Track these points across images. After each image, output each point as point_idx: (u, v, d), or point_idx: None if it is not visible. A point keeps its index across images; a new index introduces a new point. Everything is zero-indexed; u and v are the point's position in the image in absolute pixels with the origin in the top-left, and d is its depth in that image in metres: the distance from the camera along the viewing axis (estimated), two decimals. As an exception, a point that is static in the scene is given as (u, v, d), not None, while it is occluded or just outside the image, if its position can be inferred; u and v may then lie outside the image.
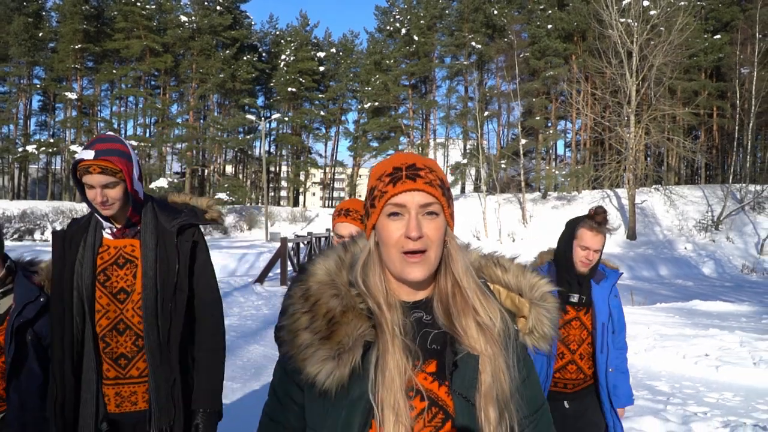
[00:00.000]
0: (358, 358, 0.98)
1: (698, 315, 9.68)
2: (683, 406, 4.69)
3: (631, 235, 27.77)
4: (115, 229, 1.95)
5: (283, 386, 1.10)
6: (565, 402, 2.54)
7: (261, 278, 13.02)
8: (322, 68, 46.25)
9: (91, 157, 1.80)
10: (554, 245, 2.67)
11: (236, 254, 18.97)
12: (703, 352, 6.35)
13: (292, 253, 14.45)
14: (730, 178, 29.12)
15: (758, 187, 28.25)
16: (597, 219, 2.47)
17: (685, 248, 26.29)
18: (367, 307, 1.02)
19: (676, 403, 4.79)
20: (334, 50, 48.47)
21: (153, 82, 44.17)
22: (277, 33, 49.15)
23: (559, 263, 2.54)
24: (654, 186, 31.83)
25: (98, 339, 1.89)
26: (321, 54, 46.81)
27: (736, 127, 29.62)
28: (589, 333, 2.52)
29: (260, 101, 48.53)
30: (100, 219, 1.92)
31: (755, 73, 28.09)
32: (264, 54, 47.49)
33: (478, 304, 1.03)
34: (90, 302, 1.88)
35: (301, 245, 16.34)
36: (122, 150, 1.88)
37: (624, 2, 28.53)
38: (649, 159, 34.85)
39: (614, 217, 30.18)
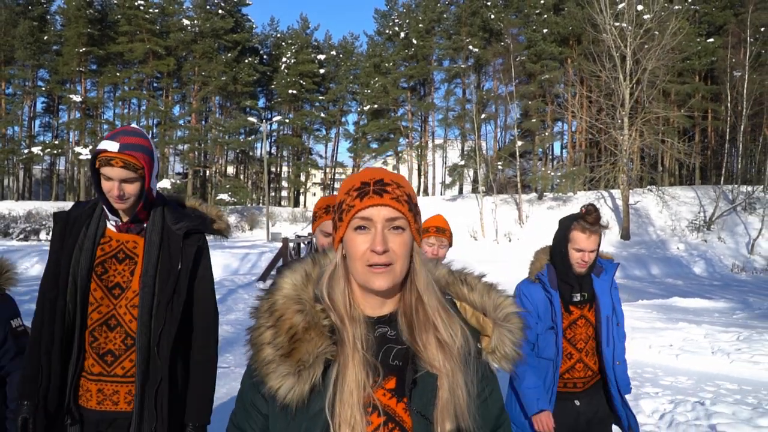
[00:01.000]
0: (318, 375, 0.99)
1: (675, 311, 10.27)
2: (639, 387, 5.31)
3: (625, 235, 28.39)
4: (120, 223, 1.90)
5: (249, 396, 1.11)
6: (576, 401, 2.51)
7: (264, 276, 13.67)
8: (322, 70, 46.82)
9: (116, 150, 1.77)
10: (549, 243, 2.71)
11: (239, 254, 19.51)
12: (668, 343, 6.96)
13: (293, 252, 15.06)
14: (722, 179, 29.71)
15: (750, 188, 28.91)
16: (589, 219, 2.41)
17: (678, 248, 26.88)
18: (330, 323, 1.03)
19: (634, 385, 5.41)
20: (334, 53, 49.05)
21: (155, 84, 44.80)
22: (278, 35, 49.76)
23: (557, 266, 2.52)
24: (648, 187, 32.43)
25: (86, 332, 1.83)
26: (321, 56, 47.41)
27: (728, 130, 30.23)
28: (594, 328, 2.51)
29: (261, 103, 49.20)
30: (107, 210, 1.88)
31: (746, 76, 28.68)
32: (265, 56, 48.10)
33: (439, 321, 1.04)
34: (84, 293, 1.83)
35: (302, 245, 16.95)
36: (146, 146, 1.85)
37: (619, 6, 29.11)
38: (645, 160, 35.48)
39: (608, 217, 30.83)
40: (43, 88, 42.35)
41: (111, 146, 1.77)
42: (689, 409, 4.57)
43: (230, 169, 50.84)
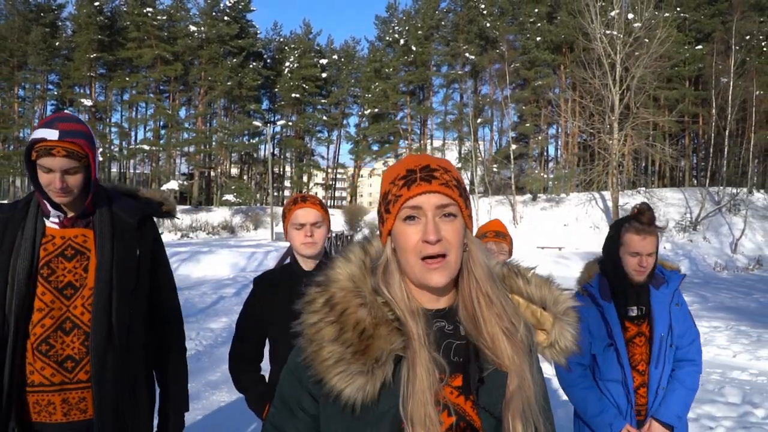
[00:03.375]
0: (389, 372, 0.93)
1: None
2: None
3: (615, 235, 29.64)
4: (63, 218, 1.74)
5: (295, 395, 1.03)
6: None
7: (269, 273, 14.97)
8: (324, 74, 47.89)
9: (56, 138, 1.61)
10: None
11: (245, 253, 20.44)
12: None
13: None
14: (707, 181, 30.92)
15: (735, 190, 30.10)
16: (643, 219, 2.17)
17: (665, 247, 28.06)
18: (396, 317, 0.96)
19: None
20: (336, 57, 50.19)
21: (161, 87, 46.05)
22: (281, 40, 50.94)
23: (608, 275, 2.26)
24: (637, 189, 33.68)
25: (36, 342, 1.67)
26: (323, 61, 48.56)
27: (713, 134, 31.46)
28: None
29: (265, 105, 50.39)
30: (48, 206, 1.71)
31: (731, 82, 29.85)
32: (269, 60, 49.25)
33: (502, 311, 0.99)
34: (23, 300, 1.66)
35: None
36: (87, 132, 1.71)
37: (611, 14, 30.27)
38: (637, 162, 36.70)
39: (600, 218, 32.11)
40: (55, 93, 43.67)
41: (50, 134, 1.61)
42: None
43: (234, 170, 52.07)
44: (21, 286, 1.66)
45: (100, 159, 40.00)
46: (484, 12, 39.52)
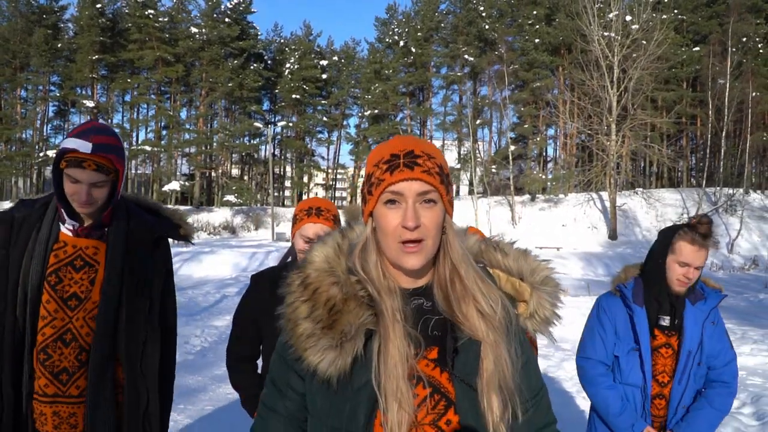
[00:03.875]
0: (360, 346, 0.97)
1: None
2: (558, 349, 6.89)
3: (612, 235, 29.97)
4: (78, 227, 1.72)
5: (283, 375, 1.08)
6: None
7: (274, 272, 15.28)
8: (324, 76, 48.15)
9: (88, 151, 1.60)
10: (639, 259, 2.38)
11: (247, 253, 20.70)
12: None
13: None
14: (703, 182, 31.22)
15: (731, 191, 30.41)
16: (701, 230, 2.09)
17: (661, 248, 28.44)
18: (367, 294, 1.00)
19: (558, 347, 7.00)
20: (336, 58, 50.48)
21: (163, 88, 46.37)
22: (282, 41, 51.27)
23: (649, 279, 2.20)
24: (634, 189, 33.98)
25: (36, 349, 1.66)
26: (324, 62, 48.86)
27: (709, 136, 31.76)
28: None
29: (265, 106, 50.71)
30: (64, 213, 1.69)
31: (728, 84, 30.14)
32: (269, 61, 49.55)
33: (478, 292, 1.01)
34: (35, 305, 1.65)
35: (307, 245, 18.51)
36: (119, 147, 1.71)
37: (610, 16, 30.55)
38: (635, 163, 37.00)
39: (598, 219, 32.44)
40: (59, 95, 44.01)
41: (83, 146, 1.60)
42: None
43: (235, 171, 52.37)
44: (34, 292, 1.64)
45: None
46: (483, 14, 39.81)
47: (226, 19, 44.21)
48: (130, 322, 1.71)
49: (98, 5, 42.03)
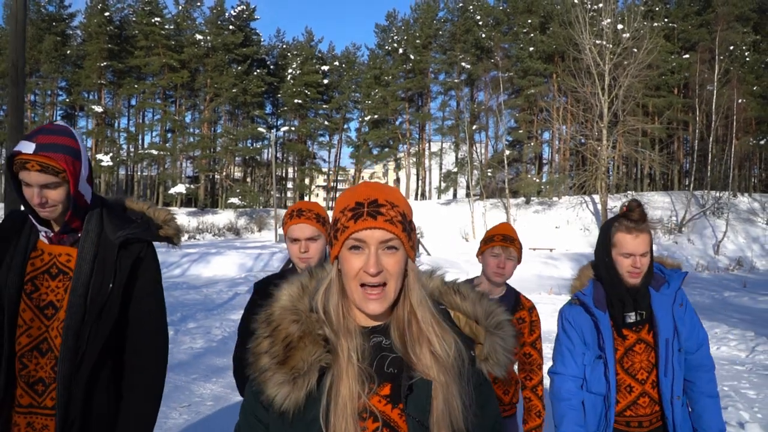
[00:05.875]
0: (313, 382, 1.01)
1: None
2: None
3: (603, 237, 30.99)
4: (51, 233, 1.68)
5: (251, 406, 1.12)
6: None
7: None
8: (326, 81, 49.17)
9: (30, 152, 1.54)
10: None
11: (252, 254, 21.73)
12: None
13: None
14: (691, 186, 32.25)
15: (718, 194, 31.43)
16: (633, 216, 2.03)
17: (650, 249, 29.42)
18: (324, 333, 1.05)
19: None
20: (337, 63, 51.45)
21: (168, 93, 47.49)
22: (284, 46, 52.35)
23: (604, 280, 2.11)
24: (625, 192, 35.02)
25: (15, 359, 1.62)
26: (325, 67, 49.83)
27: (696, 141, 32.84)
28: (656, 354, 2.08)
29: (268, 109, 51.77)
30: (34, 220, 1.67)
31: (715, 90, 31.16)
32: (272, 66, 50.59)
33: (433, 335, 1.05)
34: (12, 315, 1.62)
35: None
36: (69, 145, 1.60)
37: (603, 23, 31.55)
38: (629, 167, 38.04)
39: (590, 221, 33.46)
40: (68, 100, 45.21)
41: (26, 147, 1.55)
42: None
43: (238, 173, 53.35)
44: (12, 301, 1.62)
45: (109, 164, 41.28)
46: (480, 22, 40.98)
47: (230, 26, 45.37)
48: (90, 329, 1.65)
49: (106, 13, 43.30)
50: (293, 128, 48.29)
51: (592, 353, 2.10)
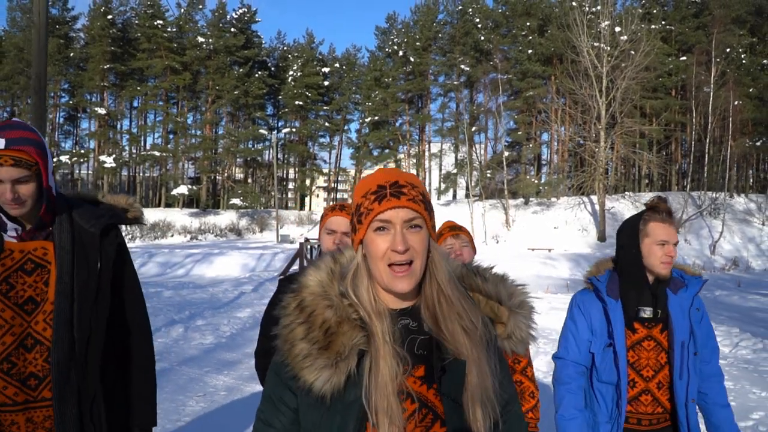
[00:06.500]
0: (353, 365, 1.04)
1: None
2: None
3: (601, 237, 31.37)
4: (21, 231, 1.68)
5: (277, 391, 1.14)
6: None
7: (284, 273, 16.74)
8: (326, 82, 49.56)
9: (2, 147, 1.55)
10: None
11: (254, 254, 21.94)
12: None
13: (308, 254, 18.02)
14: (688, 186, 32.60)
15: (715, 194, 31.79)
16: (663, 208, 2.07)
17: (647, 249, 29.70)
18: (359, 317, 1.07)
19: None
20: (337, 65, 51.75)
21: (170, 94, 47.89)
22: (285, 48, 52.75)
23: (626, 271, 2.11)
24: (622, 193, 35.39)
25: None
26: (326, 69, 50.17)
27: (693, 141, 33.19)
28: (666, 355, 2.06)
29: (269, 111, 52.16)
30: (4, 219, 1.66)
31: (712, 92, 31.50)
32: (273, 68, 50.94)
33: (462, 309, 1.09)
34: None
35: (314, 248, 19.86)
36: (36, 139, 1.62)
37: (602, 25, 31.89)
38: (627, 168, 38.37)
39: (588, 221, 33.80)
40: (71, 102, 45.63)
41: None
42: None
43: (239, 174, 53.68)
44: None
45: (112, 165, 41.58)
46: (479, 25, 41.37)
47: (232, 29, 45.77)
48: (79, 317, 1.68)
49: (109, 16, 43.70)
50: (294, 129, 48.66)
51: (601, 341, 2.11)
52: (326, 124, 49.65)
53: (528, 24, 38.99)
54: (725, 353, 7.83)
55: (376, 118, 45.19)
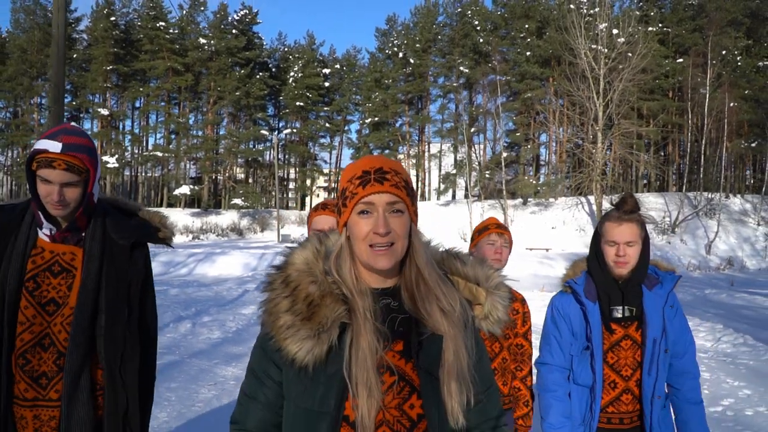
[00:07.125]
0: (334, 337, 1.09)
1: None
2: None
3: (598, 237, 31.71)
4: (55, 231, 1.72)
5: (262, 364, 1.19)
6: None
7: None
8: (327, 83, 49.88)
9: (58, 150, 1.61)
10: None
11: (256, 254, 22.06)
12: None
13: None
14: (684, 187, 32.94)
15: (710, 195, 32.13)
16: (624, 207, 2.04)
17: (644, 249, 30.01)
18: (342, 292, 1.12)
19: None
20: (338, 66, 52.10)
21: (172, 95, 48.22)
22: (286, 50, 53.10)
23: (592, 272, 2.12)
24: (619, 194, 35.65)
25: (14, 354, 1.67)
26: (326, 70, 50.52)
27: (689, 143, 33.55)
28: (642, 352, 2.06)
29: (270, 111, 52.52)
30: (41, 217, 1.69)
31: (708, 94, 31.82)
32: (274, 69, 51.27)
33: (440, 292, 1.14)
34: (13, 311, 1.66)
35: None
36: (90, 147, 1.70)
37: (600, 27, 32.20)
38: (625, 168, 38.70)
39: (586, 222, 34.10)
40: (72, 102, 45.99)
41: (52, 146, 1.61)
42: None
43: (241, 175, 54.03)
44: (12, 298, 1.65)
45: (115, 165, 42.05)
46: (478, 27, 41.74)
47: (233, 30, 46.13)
48: (109, 328, 1.72)
49: (112, 18, 44.09)
50: (295, 130, 49.00)
51: (580, 344, 2.11)
52: (327, 124, 49.99)
53: (526, 26, 39.34)
54: (706, 347, 8.22)
55: (376, 118, 45.57)
